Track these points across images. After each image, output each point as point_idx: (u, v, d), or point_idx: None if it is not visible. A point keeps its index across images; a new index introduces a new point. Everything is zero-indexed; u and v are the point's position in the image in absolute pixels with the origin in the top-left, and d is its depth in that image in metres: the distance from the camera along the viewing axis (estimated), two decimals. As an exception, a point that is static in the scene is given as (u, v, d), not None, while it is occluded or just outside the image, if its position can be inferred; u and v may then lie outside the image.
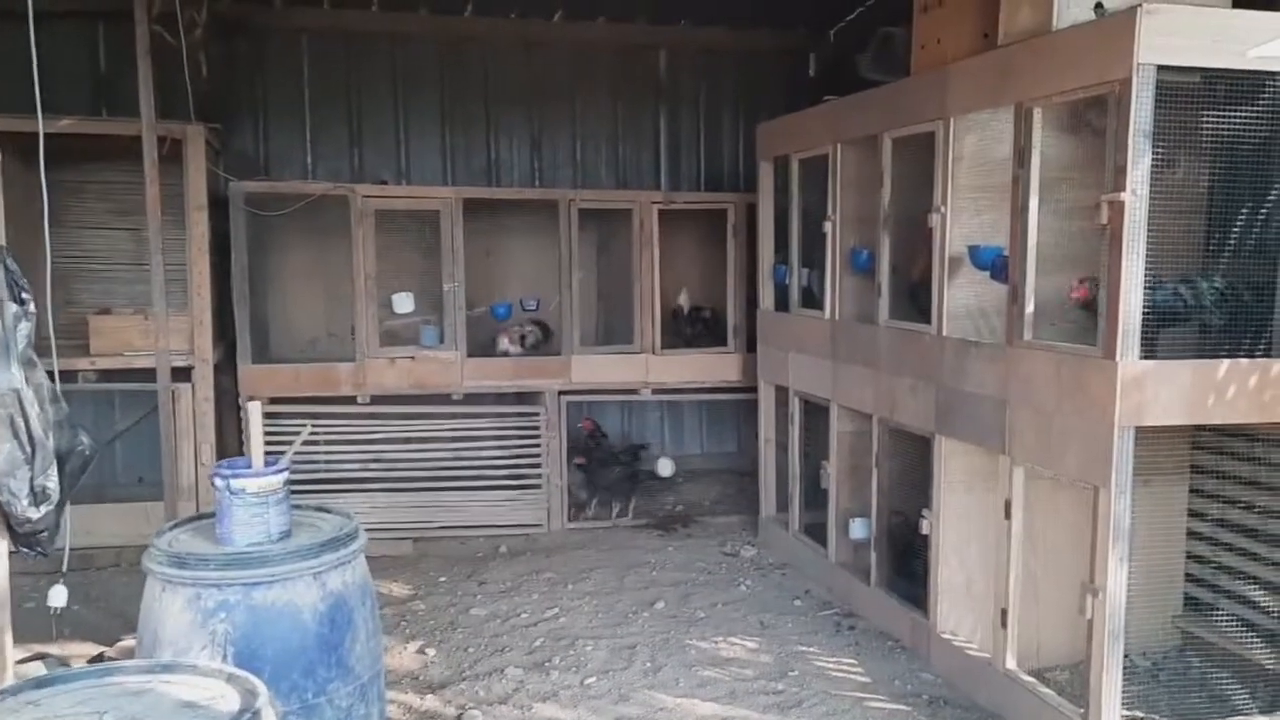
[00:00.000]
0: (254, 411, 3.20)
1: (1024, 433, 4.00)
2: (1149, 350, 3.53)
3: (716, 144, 8.40)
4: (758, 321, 6.68)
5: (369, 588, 3.24)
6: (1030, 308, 3.97)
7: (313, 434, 6.62)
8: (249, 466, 3.14)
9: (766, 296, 6.53)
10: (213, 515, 3.18)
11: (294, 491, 6.39)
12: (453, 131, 7.94)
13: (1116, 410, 3.50)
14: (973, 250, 4.35)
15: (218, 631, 2.82)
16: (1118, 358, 3.49)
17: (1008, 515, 4.10)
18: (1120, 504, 3.55)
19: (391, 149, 7.86)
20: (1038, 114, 3.90)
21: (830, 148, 5.47)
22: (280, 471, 3.10)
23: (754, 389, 6.81)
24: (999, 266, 4.18)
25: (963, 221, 4.46)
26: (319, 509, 3.43)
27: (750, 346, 6.97)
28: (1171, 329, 3.81)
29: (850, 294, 5.45)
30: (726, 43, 8.23)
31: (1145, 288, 3.49)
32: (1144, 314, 3.50)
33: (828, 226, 5.49)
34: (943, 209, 4.46)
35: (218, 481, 3.03)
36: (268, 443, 6.43)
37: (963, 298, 4.51)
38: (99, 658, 4.62)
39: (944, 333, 4.51)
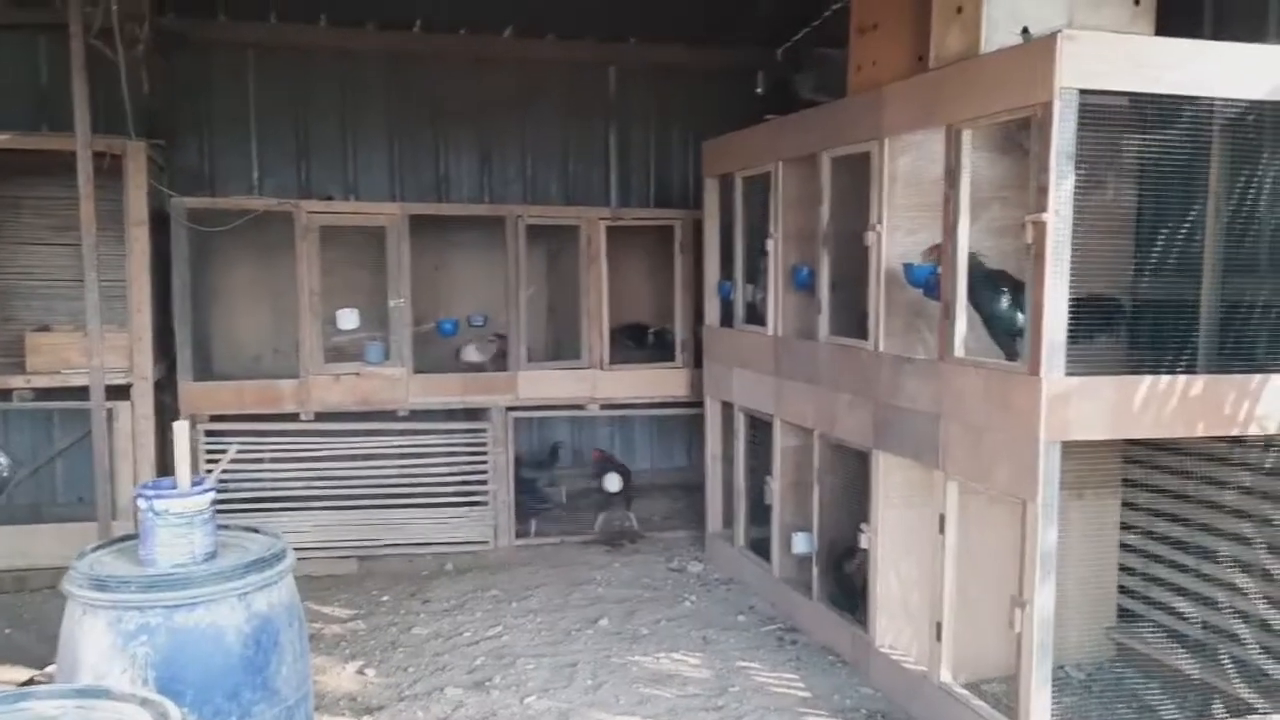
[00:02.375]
0: (180, 431, 3.18)
1: (956, 448, 4.05)
2: (1075, 366, 3.59)
3: (666, 161, 8.45)
4: (703, 337, 6.72)
5: (297, 608, 3.21)
6: (962, 324, 4.02)
7: (257, 452, 6.58)
8: (175, 487, 3.11)
9: (712, 312, 6.57)
10: (138, 537, 3.14)
11: (236, 510, 6.47)
12: (401, 147, 7.93)
13: (1041, 425, 3.56)
14: (907, 268, 4.40)
15: (138, 655, 2.78)
16: (1041, 374, 3.55)
17: (942, 529, 4.14)
18: (1046, 518, 3.60)
19: (339, 164, 7.84)
20: (967, 135, 3.96)
21: (772, 166, 5.52)
22: (205, 492, 3.07)
23: (701, 404, 6.84)
24: (932, 284, 4.24)
25: (898, 240, 4.51)
26: (248, 529, 3.40)
27: (698, 362, 7.01)
28: (1091, 344, 3.89)
29: (792, 310, 5.50)
30: (676, 60, 8.28)
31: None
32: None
33: (770, 244, 5.53)
34: (878, 227, 4.51)
35: (141, 502, 3.00)
36: (209, 462, 6.43)
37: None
38: (29, 682, 4.55)
39: (881, 349, 4.56)
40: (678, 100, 8.40)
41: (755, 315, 5.98)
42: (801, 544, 5.41)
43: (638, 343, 7.56)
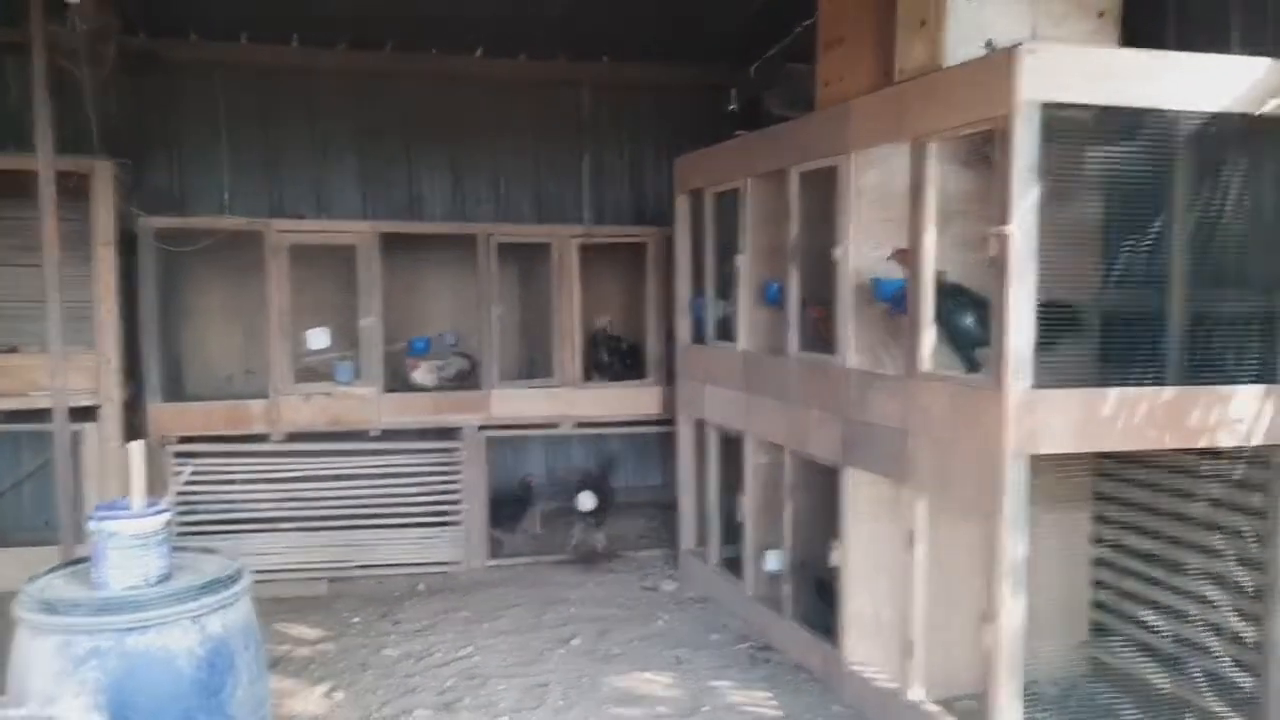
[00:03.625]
0: (135, 452, 3.12)
1: (924, 463, 4.03)
2: (1041, 379, 3.58)
3: (640, 178, 8.45)
4: (675, 354, 6.70)
5: (253, 630, 3.16)
6: (929, 339, 4.01)
7: (226, 473, 6.51)
8: (129, 508, 3.05)
9: (683, 329, 6.56)
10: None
11: (205, 533, 6.40)
12: (373, 167, 7.90)
13: (1007, 439, 3.55)
14: (876, 283, 4.40)
15: (88, 679, 2.72)
16: (1006, 387, 3.53)
17: (910, 545, 4.12)
18: (1014, 532, 3.58)
19: (311, 184, 7.80)
20: (932, 149, 3.97)
21: (742, 182, 5.52)
22: (159, 513, 3.02)
23: (674, 421, 6.81)
24: (900, 299, 4.23)
25: (866, 254, 4.51)
26: (205, 550, 3.34)
27: (670, 379, 6.98)
28: (1054, 352, 3.88)
29: (762, 326, 5.49)
30: (649, 78, 8.29)
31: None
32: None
33: (740, 260, 5.53)
34: (846, 242, 4.51)
35: (93, 524, 2.95)
36: (190, 473, 6.35)
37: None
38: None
39: (849, 364, 4.55)
40: (650, 118, 8.41)
41: (726, 332, 5.96)
42: (773, 561, 5.38)
43: (611, 352, 7.49)
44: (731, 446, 5.96)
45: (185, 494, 6.40)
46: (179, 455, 6.40)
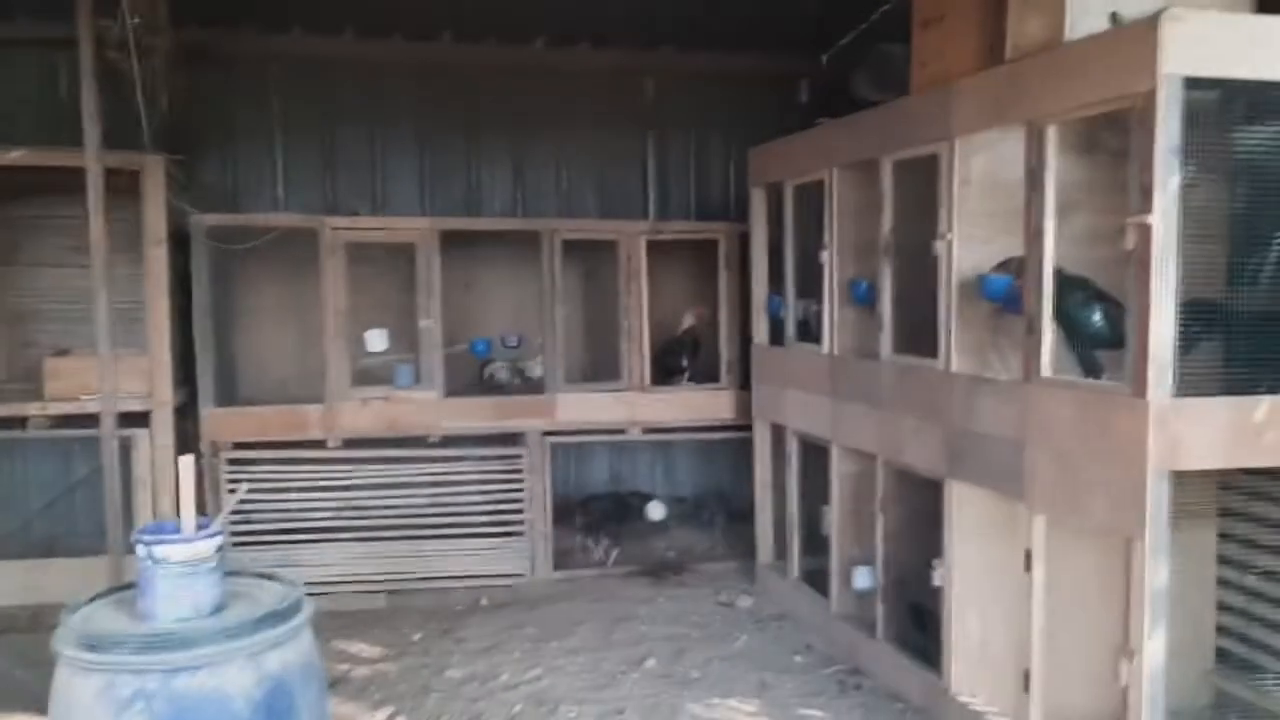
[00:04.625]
0: (185, 468, 2.84)
1: (1045, 478, 3.65)
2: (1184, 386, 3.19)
3: (706, 172, 8.09)
4: (752, 357, 6.35)
5: (315, 666, 2.86)
6: (1049, 341, 3.63)
7: (281, 481, 6.27)
8: (178, 531, 2.77)
9: (760, 330, 6.20)
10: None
11: (260, 544, 6.15)
12: (430, 161, 7.62)
13: (1149, 453, 3.16)
14: (983, 280, 4.02)
15: (134, 726, 2.44)
16: (1149, 395, 3.15)
17: (1028, 567, 3.74)
18: (1156, 556, 3.20)
19: (366, 180, 7.53)
20: (1051, 132, 3.58)
21: (826, 173, 5.16)
22: (212, 536, 2.73)
23: (749, 427, 6.46)
24: (1012, 297, 3.85)
25: (971, 249, 4.13)
26: (261, 575, 3.06)
27: (744, 383, 6.63)
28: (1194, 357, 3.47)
29: (850, 327, 5.12)
30: (715, 68, 7.92)
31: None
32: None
33: (825, 256, 5.17)
34: (949, 236, 4.13)
35: (139, 549, 2.67)
36: (232, 492, 6.12)
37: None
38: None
39: (953, 368, 4.17)
40: (717, 109, 8.04)
41: (808, 333, 5.60)
42: (863, 579, 5.01)
43: (693, 355, 7.12)
44: (813, 454, 5.60)
45: (239, 502, 6.15)
46: (232, 462, 6.16)
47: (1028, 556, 3.74)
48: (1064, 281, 3.74)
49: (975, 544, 4.21)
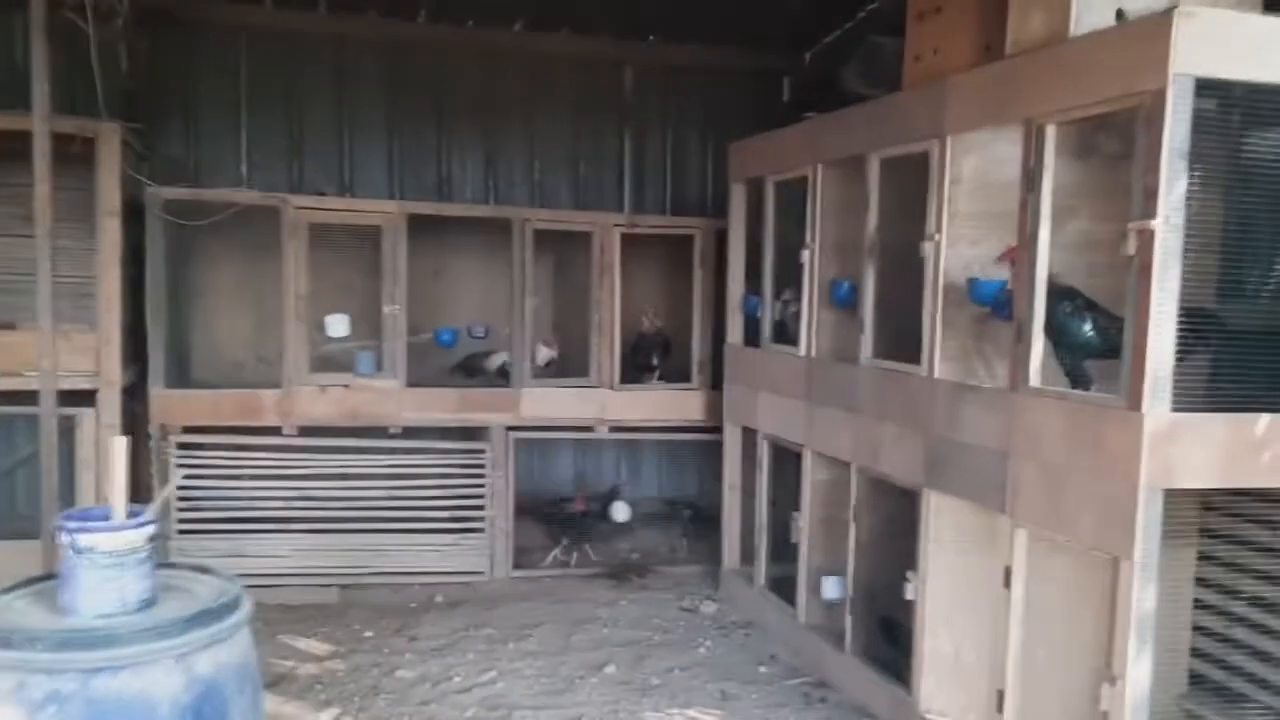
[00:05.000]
0: (118, 450, 2.62)
1: (1029, 491, 3.50)
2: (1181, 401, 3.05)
3: (684, 167, 7.93)
4: (725, 357, 6.17)
5: (250, 670, 2.64)
6: (1039, 349, 3.49)
7: (234, 468, 6.03)
8: (107, 517, 2.55)
9: (735, 330, 6.03)
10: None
11: (209, 531, 5.91)
12: (401, 144, 7.40)
13: (1142, 470, 3.02)
14: (972, 283, 3.87)
15: (46, 731, 2.22)
16: (1144, 409, 3.01)
17: (1008, 584, 3.60)
18: (1144, 578, 3.06)
19: (334, 160, 7.31)
20: (1050, 131, 3.44)
21: (810, 169, 5.00)
22: (143, 525, 2.51)
23: (719, 429, 6.29)
24: (1002, 302, 3.70)
25: (959, 251, 3.98)
26: (197, 568, 2.83)
27: (716, 383, 6.46)
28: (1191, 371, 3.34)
29: (829, 329, 4.97)
30: (697, 62, 7.78)
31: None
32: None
33: (806, 255, 5.01)
34: (937, 237, 3.98)
35: (62, 536, 2.44)
36: (183, 479, 5.88)
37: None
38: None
39: (936, 374, 4.02)
40: (697, 103, 7.89)
41: (785, 334, 5.44)
42: (832, 589, 4.86)
43: (663, 354, 6.93)
44: (784, 459, 5.44)
45: (188, 488, 5.91)
46: (183, 446, 5.92)
47: (1007, 572, 3.60)
48: (1053, 290, 3.60)
49: (951, 556, 4.06)
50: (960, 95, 3.91)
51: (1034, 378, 3.48)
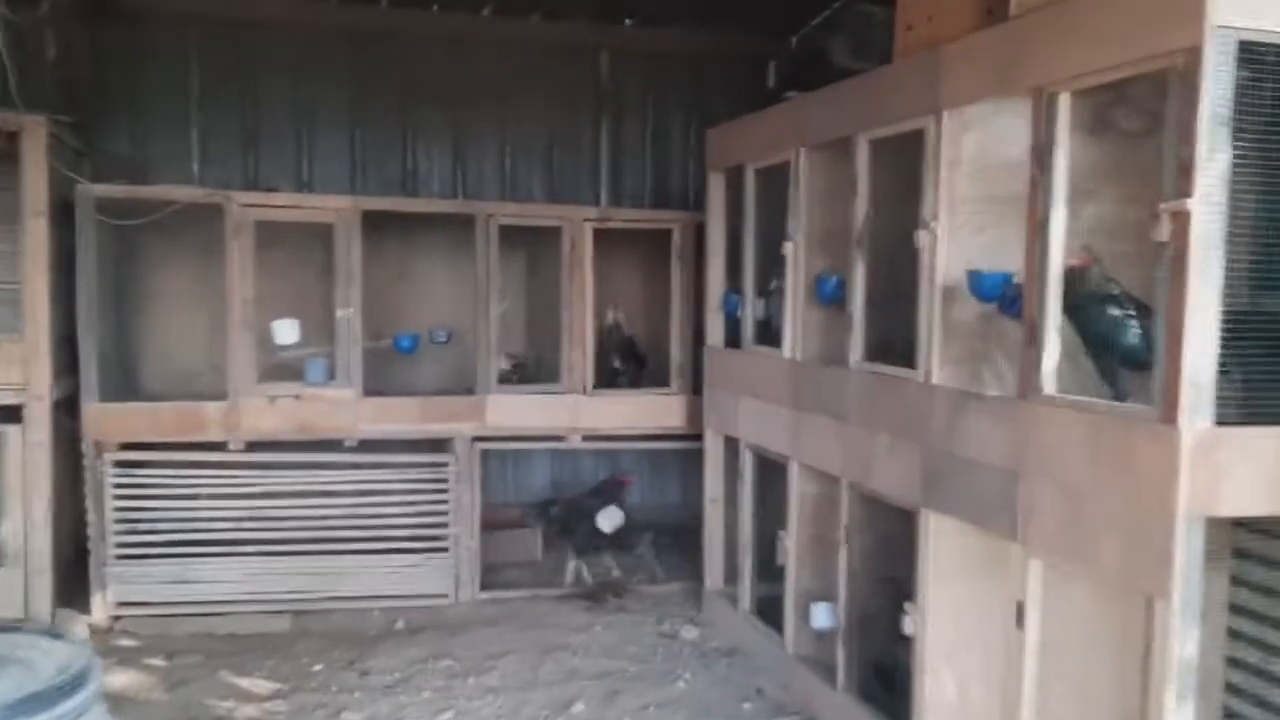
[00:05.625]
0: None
1: (1044, 515, 3.05)
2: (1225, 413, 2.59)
3: (665, 158, 7.49)
4: (704, 360, 5.72)
5: (110, 755, 2.18)
6: (1053, 352, 3.04)
7: (176, 487, 5.57)
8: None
9: (715, 331, 5.58)
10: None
11: (151, 556, 5.45)
12: (364, 137, 6.98)
13: (1180, 494, 2.57)
14: (974, 276, 3.42)
15: None
16: (1181, 422, 2.56)
17: (1021, 622, 3.14)
18: (1185, 620, 2.61)
19: (292, 156, 6.88)
20: (1064, 101, 2.99)
21: (793, 153, 4.55)
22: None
23: (700, 436, 5.84)
24: (1010, 297, 3.25)
25: (960, 241, 3.53)
26: (48, 634, 2.37)
27: (696, 388, 6.01)
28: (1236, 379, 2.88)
29: (815, 329, 4.52)
30: (677, 46, 7.35)
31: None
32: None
33: (789, 248, 4.56)
34: (934, 225, 3.53)
35: None
36: (119, 498, 5.44)
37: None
38: None
39: (934, 380, 3.57)
40: (677, 91, 7.46)
41: (768, 334, 4.99)
42: (823, 617, 4.40)
43: (624, 357, 6.48)
44: (769, 470, 5.00)
45: (125, 509, 5.46)
46: (120, 465, 5.46)
47: (1019, 610, 3.14)
48: (1093, 292, 3.13)
49: (954, 584, 3.61)
50: (958, 64, 3.46)
51: (1048, 384, 3.03)
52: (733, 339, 5.37)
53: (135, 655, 5.03)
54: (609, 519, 6.47)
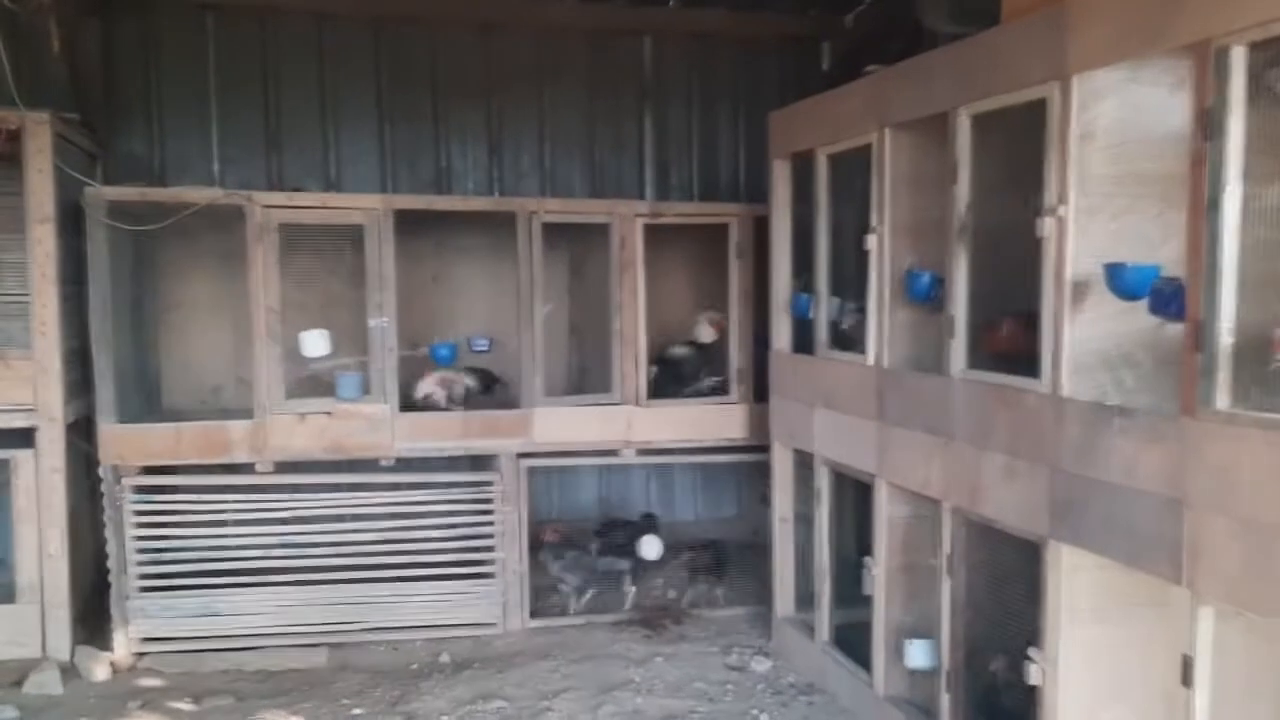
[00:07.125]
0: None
1: (1218, 555, 2.55)
2: None
3: (712, 148, 7.01)
4: (770, 366, 5.23)
5: None
6: (1226, 358, 2.54)
7: (203, 513, 5.16)
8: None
9: (782, 334, 5.08)
10: None
11: (177, 587, 5.05)
12: (394, 133, 6.55)
13: None
14: (1114, 270, 2.92)
15: None
16: None
17: (1187, 680, 2.64)
18: None
19: (318, 153, 6.46)
20: (1238, 55, 2.49)
21: (875, 135, 4.06)
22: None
23: (763, 448, 5.37)
24: (1166, 296, 2.75)
25: (1091, 230, 3.03)
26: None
27: (759, 396, 5.54)
28: None
29: (904, 332, 4.03)
30: (724, 28, 6.87)
31: None
32: None
33: (872, 241, 4.07)
34: (1061, 211, 3.04)
35: None
36: (140, 527, 5.05)
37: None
38: None
39: (1064, 391, 3.08)
40: (724, 76, 6.98)
41: (844, 338, 4.52)
42: (919, 656, 3.93)
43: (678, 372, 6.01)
44: (849, 488, 4.52)
45: (147, 537, 5.06)
46: (140, 490, 5.05)
47: (1186, 664, 2.64)
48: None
49: (1089, 627, 3.11)
50: (1090, 20, 2.96)
51: (1221, 398, 2.53)
52: (802, 343, 4.89)
53: (160, 697, 4.63)
54: (651, 546, 5.96)
